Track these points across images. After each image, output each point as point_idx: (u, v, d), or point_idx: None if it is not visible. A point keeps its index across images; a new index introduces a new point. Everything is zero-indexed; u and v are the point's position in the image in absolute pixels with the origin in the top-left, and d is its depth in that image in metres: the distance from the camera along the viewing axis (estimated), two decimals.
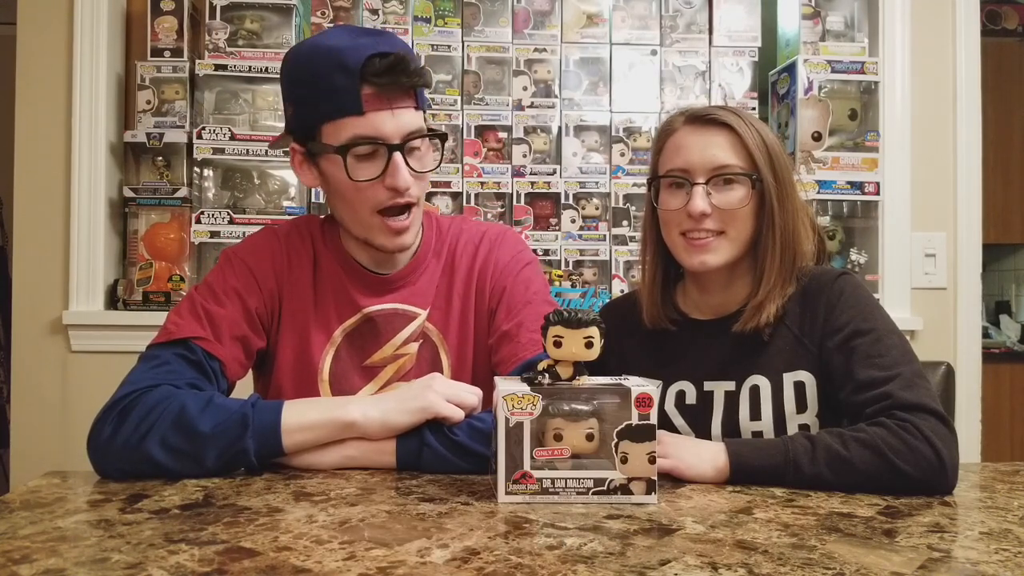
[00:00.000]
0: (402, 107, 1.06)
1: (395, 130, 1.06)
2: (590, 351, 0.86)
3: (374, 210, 1.10)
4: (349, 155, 1.06)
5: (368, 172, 1.07)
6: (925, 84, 2.25)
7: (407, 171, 1.07)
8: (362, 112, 1.04)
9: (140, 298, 2.05)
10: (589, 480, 0.86)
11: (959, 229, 2.25)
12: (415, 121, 1.08)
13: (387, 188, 1.08)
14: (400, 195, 1.08)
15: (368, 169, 1.07)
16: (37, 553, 0.68)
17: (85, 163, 2.04)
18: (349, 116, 1.05)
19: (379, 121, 1.05)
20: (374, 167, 1.07)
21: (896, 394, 0.99)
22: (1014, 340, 3.64)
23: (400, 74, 1.04)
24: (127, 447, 0.95)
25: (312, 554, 0.68)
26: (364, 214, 1.11)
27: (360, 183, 1.07)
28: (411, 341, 1.18)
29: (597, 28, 2.29)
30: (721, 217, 1.12)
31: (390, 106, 1.05)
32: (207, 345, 1.08)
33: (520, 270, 1.21)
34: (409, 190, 1.08)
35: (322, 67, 1.05)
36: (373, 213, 1.10)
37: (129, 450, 0.95)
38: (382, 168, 1.06)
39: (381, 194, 1.08)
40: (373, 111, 1.05)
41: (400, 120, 1.06)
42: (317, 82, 1.06)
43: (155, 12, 2.12)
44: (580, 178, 2.26)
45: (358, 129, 1.05)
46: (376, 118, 1.05)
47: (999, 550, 0.71)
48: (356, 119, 1.05)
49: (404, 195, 1.08)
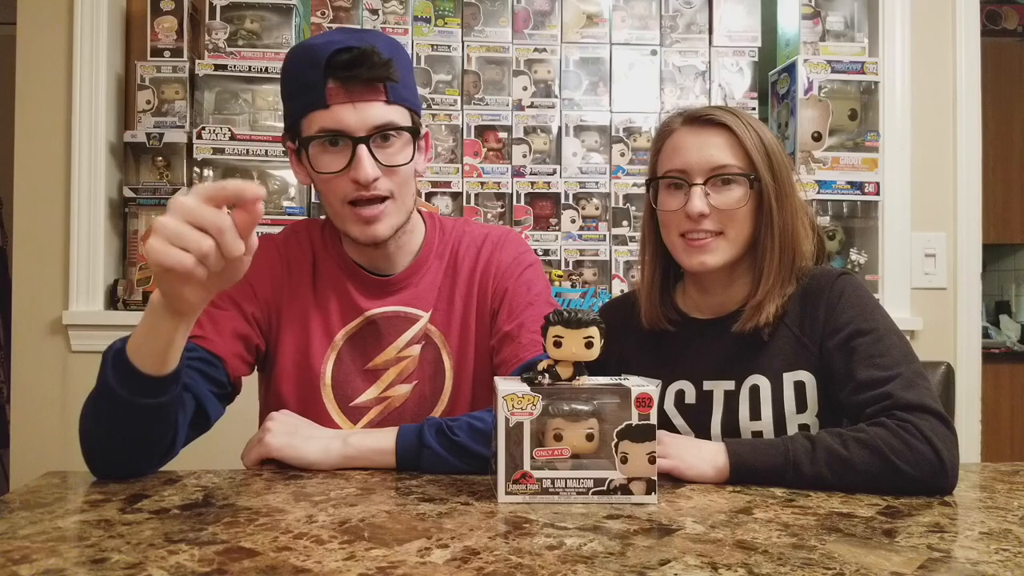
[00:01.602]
0: (367, 100, 1.07)
1: (358, 123, 1.07)
2: (590, 351, 0.86)
3: (344, 201, 1.10)
4: (312, 146, 1.09)
5: (333, 164, 1.08)
6: (925, 84, 2.25)
7: (371, 164, 1.07)
8: (326, 105, 1.06)
9: (140, 298, 2.05)
10: (589, 480, 0.86)
11: (959, 229, 2.25)
12: (383, 115, 1.08)
13: (352, 180, 1.08)
14: (365, 188, 1.08)
15: (333, 162, 1.08)
16: (37, 553, 0.68)
17: (85, 163, 2.04)
18: (316, 110, 1.07)
19: (342, 114, 1.06)
20: (339, 159, 1.08)
21: (896, 394, 0.99)
22: (1014, 340, 3.64)
23: (361, 67, 1.05)
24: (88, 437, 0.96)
25: (312, 554, 0.68)
26: (336, 205, 1.11)
27: (324, 175, 1.09)
28: (413, 344, 1.18)
29: (597, 28, 2.29)
30: (719, 217, 1.12)
31: (352, 99, 1.07)
32: (205, 343, 1.08)
33: (522, 272, 1.20)
34: (376, 183, 1.08)
35: (299, 64, 1.09)
36: (344, 204, 1.10)
37: (91, 440, 0.95)
38: (347, 161, 1.07)
39: (347, 186, 1.09)
40: (336, 104, 1.06)
41: (364, 113, 1.07)
42: (296, 79, 1.10)
43: (155, 12, 2.12)
44: (580, 178, 2.26)
45: (323, 122, 1.07)
46: (339, 111, 1.06)
47: (999, 550, 0.71)
48: (322, 112, 1.07)
49: (371, 188, 1.08)
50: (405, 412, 1.17)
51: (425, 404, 1.18)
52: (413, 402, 1.18)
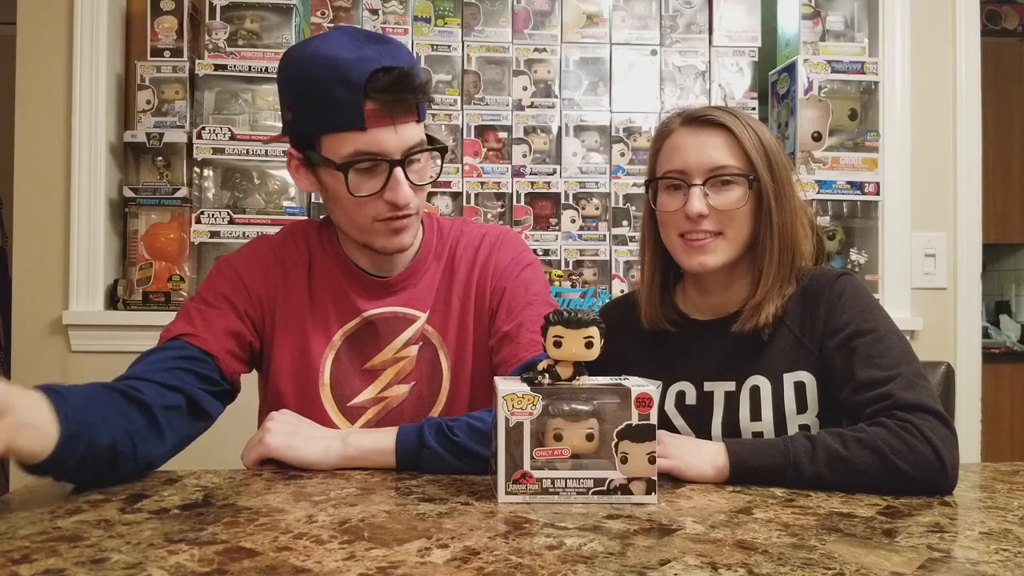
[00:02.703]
0: (405, 122, 1.04)
1: (397, 146, 1.04)
2: (590, 351, 0.86)
3: (375, 220, 1.09)
4: (351, 171, 1.04)
5: (369, 188, 1.05)
6: (925, 84, 2.25)
7: (407, 186, 1.06)
8: (364, 128, 1.01)
9: (140, 298, 2.05)
10: (589, 480, 0.86)
11: (959, 229, 2.25)
12: (416, 135, 1.06)
13: (387, 202, 1.06)
14: (399, 209, 1.07)
15: (368, 184, 1.05)
16: (37, 553, 0.68)
17: (85, 163, 2.04)
18: (351, 131, 1.02)
19: (382, 137, 1.03)
20: (374, 182, 1.05)
21: (896, 394, 0.99)
22: (1014, 340, 3.64)
23: (405, 91, 1.01)
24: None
25: (312, 554, 0.68)
26: (364, 223, 1.10)
27: (361, 198, 1.06)
28: (410, 344, 1.18)
29: (597, 28, 2.29)
30: (719, 218, 1.12)
31: (393, 122, 1.03)
32: (196, 341, 1.07)
33: (520, 271, 1.20)
34: (408, 204, 1.08)
35: (323, 78, 1.01)
36: (373, 222, 1.09)
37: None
38: (382, 183, 1.05)
39: (381, 207, 1.07)
40: (376, 127, 1.02)
41: (402, 136, 1.04)
42: (318, 93, 1.02)
43: (155, 12, 2.12)
44: (580, 178, 2.26)
45: (359, 145, 1.03)
46: (379, 134, 1.02)
47: (999, 550, 0.71)
48: (358, 134, 1.02)
49: (403, 209, 1.07)
50: (403, 412, 1.17)
51: (423, 405, 1.18)
52: (411, 403, 1.18)
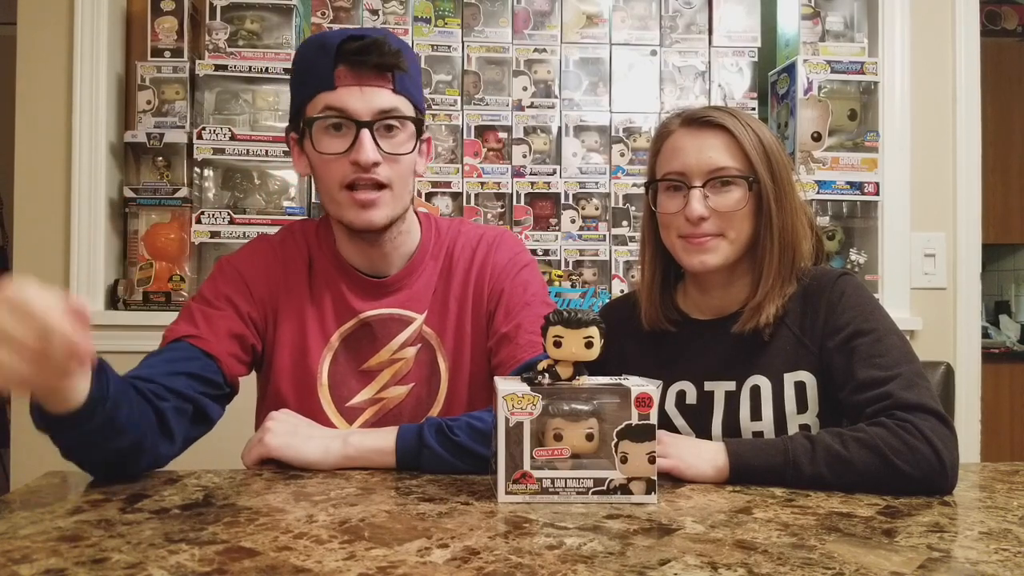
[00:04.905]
0: (374, 86, 1.09)
1: (364, 107, 1.08)
2: (590, 351, 0.86)
3: (341, 185, 1.10)
4: (316, 126, 1.09)
5: (335, 146, 1.09)
6: (925, 84, 2.25)
7: (373, 147, 1.08)
8: (333, 87, 1.08)
9: (140, 298, 2.05)
10: (589, 480, 0.86)
11: (959, 229, 2.25)
12: (389, 101, 1.10)
13: (351, 163, 1.08)
14: (365, 171, 1.08)
15: (335, 143, 1.09)
16: (37, 553, 0.68)
17: (85, 163, 2.04)
18: (323, 91, 1.09)
19: (348, 96, 1.08)
20: (341, 142, 1.09)
21: (896, 394, 0.99)
22: (1014, 340, 3.64)
23: (371, 54, 1.07)
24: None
25: (312, 554, 0.68)
26: (333, 189, 1.11)
27: (326, 156, 1.09)
28: (408, 346, 1.18)
29: (597, 28, 2.29)
30: (719, 219, 1.12)
31: (360, 83, 1.08)
32: (199, 342, 1.08)
33: (518, 272, 1.20)
34: (377, 168, 1.08)
35: (310, 51, 1.12)
36: (341, 188, 1.10)
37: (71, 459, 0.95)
38: (349, 143, 1.08)
39: (346, 168, 1.09)
40: (344, 86, 1.08)
41: (370, 98, 1.08)
42: (304, 65, 1.13)
43: (155, 12, 2.12)
44: (580, 178, 2.26)
45: (328, 101, 1.09)
46: (345, 93, 1.08)
47: (999, 550, 0.71)
48: (328, 93, 1.08)
49: (370, 171, 1.08)
50: (401, 413, 1.17)
51: (421, 406, 1.18)
52: (410, 404, 1.18)
